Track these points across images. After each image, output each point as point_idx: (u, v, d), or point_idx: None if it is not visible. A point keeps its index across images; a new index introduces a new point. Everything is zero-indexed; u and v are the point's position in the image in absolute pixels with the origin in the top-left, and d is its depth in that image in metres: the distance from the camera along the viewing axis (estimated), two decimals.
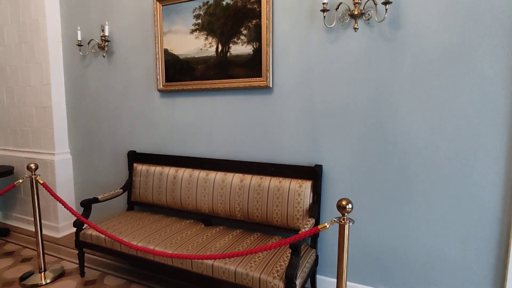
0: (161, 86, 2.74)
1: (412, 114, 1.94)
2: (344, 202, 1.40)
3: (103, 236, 2.29)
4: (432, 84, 1.88)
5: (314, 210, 2.12)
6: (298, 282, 1.73)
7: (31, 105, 3.36)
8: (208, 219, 2.52)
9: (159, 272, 2.31)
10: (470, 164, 1.84)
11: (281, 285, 1.69)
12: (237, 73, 2.41)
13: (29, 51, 3.26)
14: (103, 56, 3.04)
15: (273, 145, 2.37)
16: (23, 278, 2.44)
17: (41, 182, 2.40)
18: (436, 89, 1.88)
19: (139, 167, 2.85)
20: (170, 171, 2.69)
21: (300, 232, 1.80)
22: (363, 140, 2.08)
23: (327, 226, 1.44)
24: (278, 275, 1.73)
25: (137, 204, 2.88)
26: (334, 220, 1.44)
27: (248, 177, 2.36)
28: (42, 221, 2.91)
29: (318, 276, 2.28)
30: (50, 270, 2.52)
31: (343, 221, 1.42)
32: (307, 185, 2.15)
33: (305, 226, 1.93)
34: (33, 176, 2.41)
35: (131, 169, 2.91)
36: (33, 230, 3.40)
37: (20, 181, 2.39)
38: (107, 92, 3.10)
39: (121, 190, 2.80)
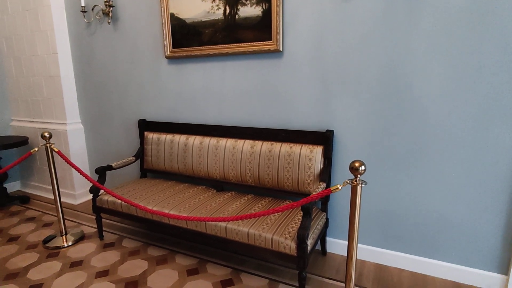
0: (168, 53, 2.68)
1: (428, 78, 1.88)
2: (357, 164, 1.40)
3: (119, 201, 2.37)
4: (450, 46, 1.80)
5: (325, 174, 2.13)
6: (309, 242, 1.78)
7: (39, 75, 3.35)
8: (220, 185, 2.57)
9: (174, 234, 2.41)
10: (485, 129, 1.80)
11: (293, 245, 1.74)
12: (246, 37, 2.34)
13: (33, 18, 3.20)
14: (108, 23, 2.97)
15: (284, 111, 2.35)
16: (46, 241, 2.57)
17: (56, 150, 2.45)
18: (453, 52, 1.80)
19: (150, 135, 2.87)
20: (181, 138, 2.70)
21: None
22: (376, 105, 2.04)
23: (340, 187, 1.45)
24: (290, 236, 1.78)
25: (150, 171, 2.94)
26: (347, 182, 1.45)
27: (258, 143, 2.37)
28: (60, 189, 3.01)
29: (327, 238, 2.34)
30: (71, 234, 2.65)
31: (355, 183, 1.43)
32: (318, 151, 2.15)
33: (316, 190, 1.95)
34: (48, 145, 2.46)
35: (142, 137, 2.94)
36: (51, 197, 3.54)
37: (36, 149, 2.44)
38: (114, 60, 3.06)
39: (134, 158, 2.85)
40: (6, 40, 3.50)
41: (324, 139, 2.16)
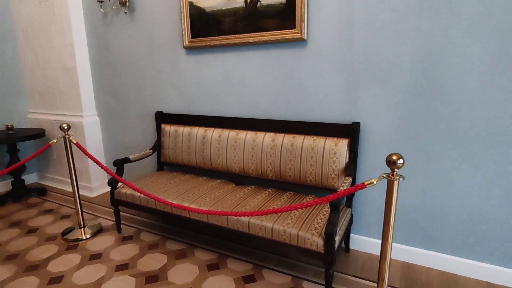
0: (187, 43, 2.62)
1: (467, 69, 1.76)
2: (394, 157, 1.31)
3: (138, 194, 2.33)
4: (493, 35, 1.68)
5: (351, 169, 2.05)
6: (337, 239, 1.70)
7: (55, 67, 3.33)
8: (239, 178, 2.51)
9: (194, 229, 2.36)
10: None
11: (320, 241, 1.67)
12: (268, 25, 2.25)
13: (49, 10, 3.17)
14: (125, 13, 2.92)
15: (307, 102, 2.26)
16: (64, 233, 2.56)
17: (74, 142, 2.43)
18: (496, 42, 1.68)
19: (167, 128, 2.82)
20: (199, 131, 2.65)
21: (338, 190, 1.75)
22: (407, 96, 1.94)
23: (375, 182, 1.37)
24: (317, 232, 1.71)
25: (167, 164, 2.90)
26: (383, 176, 1.36)
27: (280, 136, 2.29)
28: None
29: (351, 235, 2.26)
30: (88, 226, 2.63)
31: (392, 177, 1.34)
32: (343, 144, 2.07)
33: (343, 185, 1.87)
34: (66, 136, 2.43)
35: (159, 130, 2.89)
36: (68, 189, 3.54)
37: (55, 140, 2.42)
38: (131, 52, 3.01)
39: (151, 151, 2.81)
40: (23, 32, 3.48)
41: (350, 131, 2.07)
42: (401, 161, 1.31)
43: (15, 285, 1.96)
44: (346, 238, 2.22)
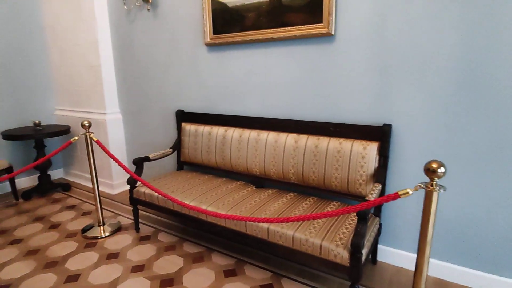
0: (208, 39, 2.54)
1: None
2: (434, 165, 1.15)
3: (156, 194, 2.28)
4: None
5: (381, 175, 1.88)
6: (364, 252, 1.56)
7: (80, 65, 3.37)
8: (259, 181, 2.40)
9: (211, 231, 2.28)
10: None
11: (346, 254, 1.53)
12: (294, 20, 2.12)
13: (76, 8, 3.21)
14: (148, 10, 2.89)
15: (334, 102, 2.12)
16: (84, 230, 2.57)
17: (95, 139, 2.42)
18: None
19: (188, 127, 2.77)
20: (219, 130, 2.57)
21: (367, 198, 1.61)
22: (446, 97, 1.75)
23: (410, 192, 1.22)
24: (342, 243, 1.57)
25: (187, 164, 2.84)
26: (420, 186, 1.21)
27: (303, 138, 2.16)
28: (98, 178, 3.02)
29: (379, 246, 2.09)
30: (108, 224, 2.62)
31: (431, 188, 1.19)
32: (372, 147, 1.91)
33: (372, 192, 1.71)
34: (87, 134, 2.43)
35: (179, 128, 2.84)
36: (90, 186, 3.58)
37: (76, 138, 2.42)
38: (153, 49, 2.98)
39: (171, 150, 2.77)
40: (50, 29, 3.56)
41: (380, 134, 1.91)
42: (442, 169, 1.15)
43: (34, 282, 1.97)
44: (373, 249, 2.05)
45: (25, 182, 3.63)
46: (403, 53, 1.82)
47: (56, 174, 3.91)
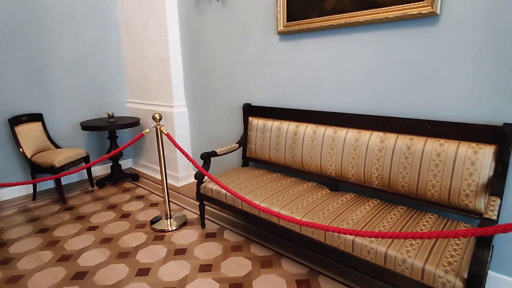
0: (282, 27, 2.35)
1: None
2: None
3: (224, 191, 2.18)
4: None
5: (497, 186, 1.52)
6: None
7: (151, 58, 3.43)
8: (334, 183, 2.17)
9: (283, 236, 2.12)
10: None
11: (459, 284, 1.23)
12: (384, 0, 1.82)
13: (148, 2, 3.25)
14: (217, 0, 2.79)
15: (432, 96, 1.78)
16: (152, 222, 2.59)
17: (165, 132, 2.40)
18: None
19: (255, 121, 2.62)
20: (290, 126, 2.38)
21: (488, 216, 1.29)
22: None
23: None
24: (452, 269, 1.28)
25: (252, 160, 2.71)
26: None
27: (391, 137, 1.87)
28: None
29: (489, 272, 1.73)
30: (174, 218, 2.62)
31: None
32: (487, 152, 1.55)
33: (491, 208, 1.37)
34: (158, 126, 2.42)
35: (246, 123, 2.72)
36: (157, 177, 3.67)
37: (147, 130, 2.43)
38: (222, 40, 2.88)
39: (237, 145, 2.66)
40: (125, 25, 3.68)
41: (498, 136, 1.54)
42: None
43: (108, 271, 2.00)
44: None
45: (99, 170, 3.86)
46: None
47: (126, 164, 4.09)
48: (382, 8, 1.84)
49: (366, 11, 1.91)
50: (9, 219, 2.75)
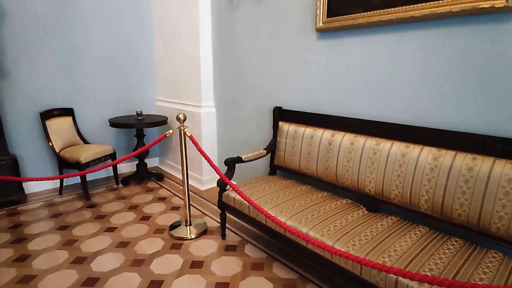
0: (321, 24, 2.11)
1: None
2: None
3: (247, 203, 1.98)
4: None
5: None
6: None
7: (181, 56, 3.33)
8: (373, 202, 1.89)
9: (310, 259, 1.87)
10: None
11: None
12: None
13: None
14: None
15: (504, 107, 1.46)
16: (172, 227, 2.46)
17: (189, 134, 2.25)
18: None
19: (286, 127, 2.40)
20: (324, 134, 2.13)
21: None
22: None
23: None
24: None
25: (280, 169, 2.49)
26: None
27: (447, 154, 1.56)
28: (188, 172, 2.94)
29: None
30: (194, 225, 2.46)
31: None
32: None
33: None
34: (181, 128, 2.27)
35: (276, 128, 2.50)
36: (181, 178, 3.56)
37: (171, 131, 2.30)
38: (254, 38, 2.69)
39: (265, 152, 2.45)
40: (157, 21, 3.62)
41: None
42: None
43: (119, 280, 1.88)
44: None
45: (125, 167, 3.83)
46: None
47: (152, 162, 4.04)
48: (444, 1, 1.54)
49: (424, 4, 1.62)
50: (35, 212, 2.75)
